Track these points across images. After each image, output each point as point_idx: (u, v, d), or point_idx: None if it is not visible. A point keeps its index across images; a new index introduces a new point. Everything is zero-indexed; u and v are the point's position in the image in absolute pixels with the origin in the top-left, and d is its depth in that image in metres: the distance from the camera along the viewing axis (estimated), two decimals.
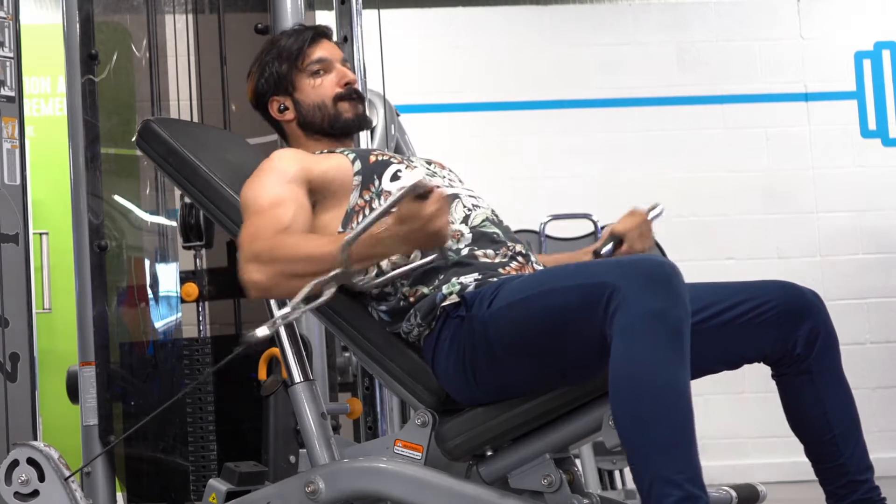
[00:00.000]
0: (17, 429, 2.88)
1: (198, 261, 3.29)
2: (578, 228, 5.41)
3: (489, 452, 2.19)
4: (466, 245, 2.27)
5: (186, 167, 2.42)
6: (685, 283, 1.94)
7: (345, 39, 3.64)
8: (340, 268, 2.07)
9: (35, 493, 2.33)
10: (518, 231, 2.95)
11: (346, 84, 2.49)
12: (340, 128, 2.48)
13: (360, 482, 2.16)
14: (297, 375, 2.29)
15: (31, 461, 2.34)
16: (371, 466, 2.16)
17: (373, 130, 3.95)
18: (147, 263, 3.60)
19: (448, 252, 2.21)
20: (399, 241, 2.06)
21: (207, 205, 2.42)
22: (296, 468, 2.75)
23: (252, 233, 2.21)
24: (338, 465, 2.20)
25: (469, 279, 2.21)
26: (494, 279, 2.20)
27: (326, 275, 2.07)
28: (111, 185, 3.46)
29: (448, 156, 2.74)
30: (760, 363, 2.22)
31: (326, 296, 2.07)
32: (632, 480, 2.22)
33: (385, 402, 3.73)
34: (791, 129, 6.48)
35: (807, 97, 6.50)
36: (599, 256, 2.44)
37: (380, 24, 3.59)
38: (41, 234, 5.40)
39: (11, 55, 3.01)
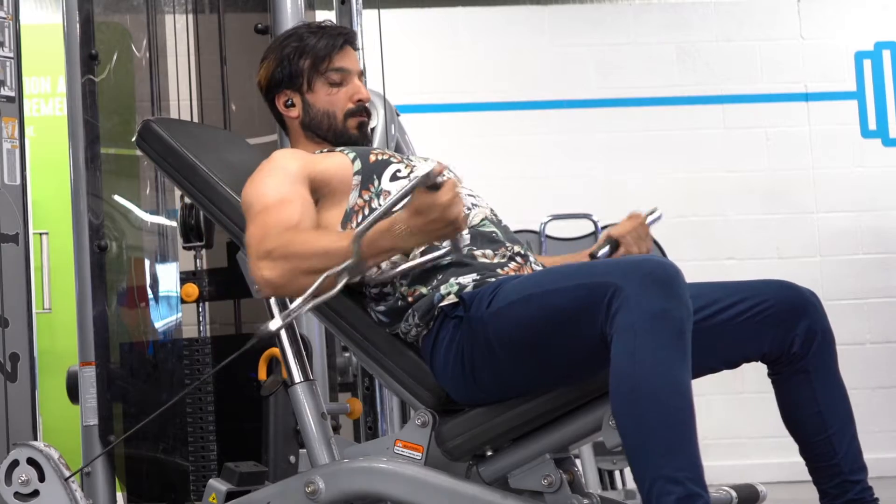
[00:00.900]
0: (17, 429, 2.88)
1: (198, 261, 3.29)
2: (578, 229, 5.41)
3: (489, 452, 2.19)
4: (465, 245, 2.27)
5: (186, 167, 2.42)
6: (686, 284, 1.94)
7: None
8: (353, 259, 2.07)
9: (35, 494, 2.33)
10: (518, 231, 2.95)
11: (358, 101, 2.50)
12: (344, 141, 2.49)
13: (361, 482, 2.16)
14: (297, 375, 2.29)
15: (31, 461, 2.34)
16: (371, 466, 2.17)
17: (373, 130, 3.95)
18: (147, 263, 3.60)
19: (461, 244, 2.20)
20: (414, 235, 2.06)
21: (207, 205, 2.42)
22: (296, 468, 2.75)
23: (262, 231, 2.21)
24: (338, 466, 2.20)
25: (467, 279, 2.21)
26: (493, 279, 2.20)
27: (338, 267, 2.07)
28: (111, 185, 3.46)
29: (448, 156, 2.74)
30: (759, 362, 2.22)
31: (339, 287, 2.08)
32: (632, 480, 2.22)
33: (385, 402, 3.73)
34: (791, 129, 6.48)
35: (807, 97, 6.50)
36: (596, 259, 2.44)
37: (380, 24, 3.59)
38: (41, 234, 5.40)
39: (11, 55, 3.01)
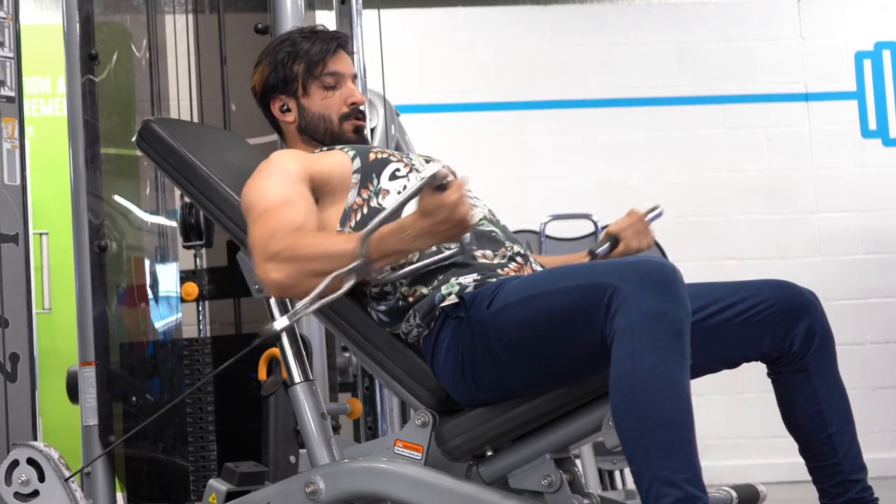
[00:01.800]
0: (17, 429, 2.88)
1: (198, 260, 3.29)
2: (578, 228, 5.41)
3: (489, 453, 2.19)
4: (473, 244, 2.27)
5: (186, 167, 2.42)
6: (685, 284, 1.94)
7: None
8: (360, 261, 2.07)
9: (35, 494, 2.33)
10: (518, 231, 2.96)
11: (353, 104, 2.50)
12: (340, 144, 2.48)
13: (361, 482, 2.16)
14: (297, 375, 2.29)
15: (31, 461, 2.34)
16: (371, 467, 2.16)
17: (373, 130, 3.96)
18: (147, 263, 3.59)
19: (469, 244, 2.19)
20: (423, 236, 2.06)
21: (207, 205, 2.42)
22: (296, 468, 2.75)
23: (267, 233, 2.21)
24: (338, 466, 2.20)
25: (468, 280, 2.21)
26: (493, 280, 2.20)
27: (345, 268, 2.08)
28: (111, 185, 3.46)
29: (448, 156, 2.74)
30: (759, 362, 2.22)
31: (345, 289, 2.08)
32: (632, 480, 2.22)
33: (385, 402, 3.73)
34: (791, 129, 6.48)
35: (807, 97, 6.50)
36: (595, 256, 2.44)
37: (380, 24, 3.59)
38: (41, 234, 5.40)
39: (11, 55, 3.00)
